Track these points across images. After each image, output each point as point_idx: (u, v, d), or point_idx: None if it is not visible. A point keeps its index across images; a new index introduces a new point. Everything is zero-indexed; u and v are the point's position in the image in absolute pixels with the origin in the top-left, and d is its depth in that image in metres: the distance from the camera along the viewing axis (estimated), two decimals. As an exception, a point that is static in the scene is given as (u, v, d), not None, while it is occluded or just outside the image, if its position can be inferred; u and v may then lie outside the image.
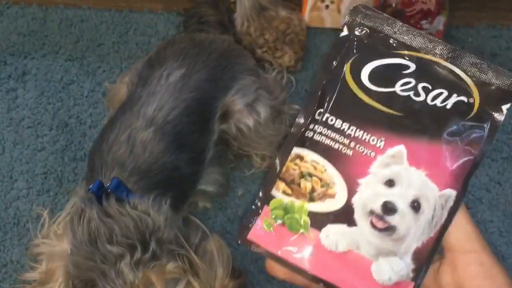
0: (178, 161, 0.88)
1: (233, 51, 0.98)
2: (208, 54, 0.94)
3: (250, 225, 0.45)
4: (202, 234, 0.87)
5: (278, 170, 0.46)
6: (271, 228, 0.44)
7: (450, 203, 0.43)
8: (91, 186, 0.80)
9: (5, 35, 1.22)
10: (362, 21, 0.46)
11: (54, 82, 1.18)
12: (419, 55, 0.45)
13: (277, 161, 0.46)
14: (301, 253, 0.43)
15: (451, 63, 0.44)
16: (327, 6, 1.20)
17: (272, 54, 1.15)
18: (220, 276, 0.75)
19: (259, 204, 0.45)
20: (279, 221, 0.44)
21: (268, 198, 0.45)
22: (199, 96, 0.90)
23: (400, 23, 0.45)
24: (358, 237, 0.43)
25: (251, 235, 0.45)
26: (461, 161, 0.43)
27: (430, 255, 0.43)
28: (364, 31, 0.46)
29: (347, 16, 0.46)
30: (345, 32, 0.46)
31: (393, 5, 1.14)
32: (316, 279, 0.43)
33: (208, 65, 0.93)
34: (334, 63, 0.46)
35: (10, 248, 1.04)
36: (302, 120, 0.46)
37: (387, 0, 1.14)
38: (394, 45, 0.45)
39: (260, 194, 0.46)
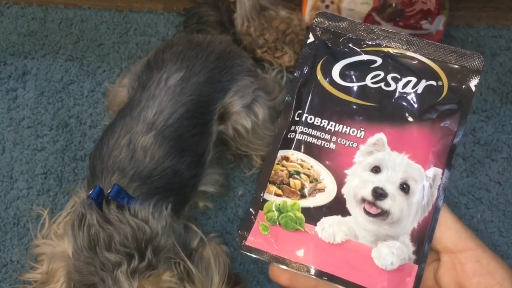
0: (179, 166, 0.88)
1: (231, 52, 0.98)
2: (206, 56, 0.94)
3: (247, 232, 0.46)
4: (200, 239, 0.87)
5: (267, 175, 0.47)
6: (268, 231, 0.45)
7: (438, 181, 0.45)
8: (91, 193, 0.80)
9: (5, 35, 1.22)
10: (325, 27, 0.49)
11: (54, 82, 1.18)
12: (383, 49, 0.48)
13: (265, 166, 0.48)
14: (301, 250, 0.44)
15: (413, 51, 0.47)
16: (327, 6, 1.20)
17: (272, 54, 1.15)
18: (216, 283, 0.76)
19: (253, 210, 0.47)
20: (275, 222, 0.45)
21: (261, 203, 0.47)
22: (198, 99, 0.91)
23: (360, 23, 0.48)
24: (354, 226, 0.44)
25: (250, 241, 0.46)
26: (441, 140, 0.45)
27: (428, 234, 0.44)
28: (328, 36, 0.49)
29: (312, 23, 0.50)
30: (311, 38, 0.49)
31: (393, 5, 1.14)
32: (319, 274, 0.43)
33: (206, 67, 0.93)
34: (305, 67, 0.48)
35: (10, 248, 1.04)
36: (283, 123, 0.48)
37: (387, 0, 1.14)
38: (358, 44, 0.48)
39: (253, 200, 0.47)
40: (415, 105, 0.46)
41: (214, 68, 0.93)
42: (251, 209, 0.47)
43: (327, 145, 0.45)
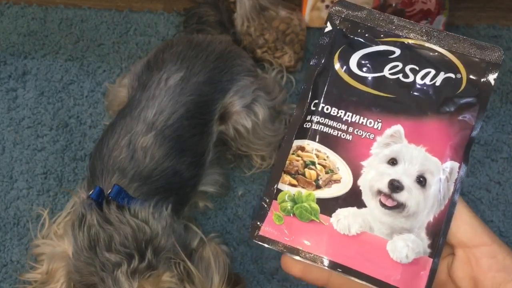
0: (179, 166, 0.88)
1: (230, 52, 0.98)
2: (206, 56, 0.94)
3: (260, 221, 0.46)
4: (200, 239, 0.87)
5: (282, 165, 0.47)
6: (282, 221, 0.45)
7: (455, 175, 0.45)
8: (91, 193, 0.80)
9: (5, 35, 1.22)
10: (344, 16, 0.48)
11: (54, 82, 1.18)
12: (402, 40, 0.47)
13: (280, 156, 0.47)
14: (315, 241, 0.44)
15: (433, 43, 0.47)
16: (327, 6, 1.20)
17: (272, 54, 1.15)
18: (216, 283, 0.76)
19: (267, 200, 0.46)
20: (289, 213, 0.45)
21: (275, 193, 0.46)
22: (198, 99, 0.90)
23: (379, 13, 0.48)
24: (370, 218, 0.44)
25: (263, 231, 0.45)
26: (459, 133, 0.45)
27: (444, 228, 0.44)
28: (346, 25, 0.48)
29: (329, 12, 0.49)
30: (328, 27, 0.48)
31: (393, 5, 1.14)
32: (333, 265, 0.43)
33: (206, 68, 0.93)
34: (322, 56, 0.48)
35: (10, 248, 1.04)
36: (299, 113, 0.47)
37: (387, 0, 1.14)
38: (376, 34, 0.47)
39: (267, 190, 0.47)
40: (433, 98, 0.45)
41: (214, 68, 0.93)
42: (264, 198, 0.46)
43: (343, 135, 0.45)
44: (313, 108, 0.47)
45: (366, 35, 0.47)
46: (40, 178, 1.09)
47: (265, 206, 0.46)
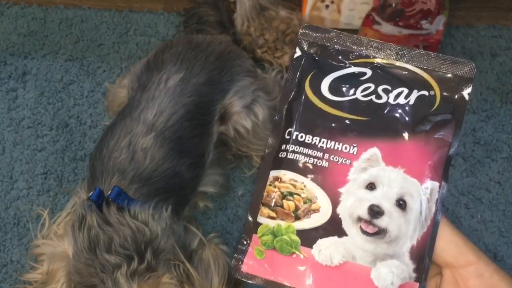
0: (179, 167, 0.88)
1: (230, 52, 0.98)
2: (206, 57, 0.94)
3: (242, 256, 0.45)
4: (199, 240, 0.87)
5: (260, 197, 0.46)
6: (263, 256, 0.44)
7: (435, 195, 0.44)
8: (91, 194, 0.80)
9: (5, 35, 1.22)
10: (312, 40, 0.47)
11: (54, 82, 1.18)
12: (372, 60, 0.46)
13: (257, 188, 0.46)
14: (298, 274, 0.43)
15: (404, 61, 0.46)
16: (327, 6, 1.20)
17: (272, 54, 1.15)
18: (215, 285, 0.76)
19: (247, 234, 0.45)
20: (270, 246, 0.44)
21: (255, 226, 0.45)
22: (198, 100, 0.90)
23: (347, 34, 0.47)
24: (352, 247, 0.42)
25: (245, 267, 0.45)
26: (436, 152, 0.44)
27: (428, 251, 0.43)
28: (316, 49, 0.47)
29: (298, 37, 0.48)
30: (298, 53, 0.48)
31: (393, 5, 1.14)
32: None
33: (206, 68, 0.92)
34: (294, 82, 0.47)
35: (10, 248, 1.04)
36: (273, 142, 0.46)
37: (387, 0, 1.14)
38: (346, 56, 0.47)
39: (247, 223, 0.46)
40: (408, 117, 0.44)
41: (214, 68, 0.93)
42: (244, 233, 0.45)
43: (319, 163, 0.44)
44: (287, 137, 0.45)
45: (336, 57, 0.47)
46: (40, 178, 1.09)
47: (246, 240, 0.45)
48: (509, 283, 0.43)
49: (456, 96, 0.45)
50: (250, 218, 0.46)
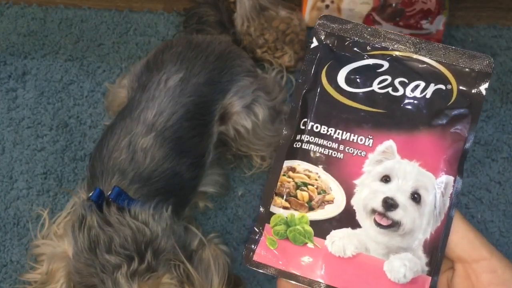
0: (179, 167, 0.88)
1: (230, 52, 0.98)
2: (206, 57, 0.94)
3: (254, 246, 0.45)
4: (199, 240, 0.87)
5: (273, 186, 0.46)
6: (276, 245, 0.44)
7: (450, 189, 0.44)
8: (91, 194, 0.80)
9: (5, 35, 1.22)
10: (329, 31, 0.47)
11: (54, 82, 1.18)
12: (389, 52, 0.46)
13: (270, 178, 0.46)
14: (311, 265, 0.43)
15: (421, 55, 0.46)
16: (327, 6, 1.20)
17: (272, 54, 1.15)
18: (215, 285, 0.76)
19: (260, 223, 0.45)
20: (283, 236, 0.44)
21: (268, 216, 0.45)
22: (198, 100, 0.90)
23: (365, 26, 0.47)
24: (365, 238, 0.43)
25: (257, 256, 0.44)
26: (452, 146, 0.44)
27: (441, 245, 0.43)
28: (333, 39, 0.47)
29: (315, 28, 0.48)
30: (315, 43, 0.48)
31: (393, 5, 1.14)
32: None
33: (206, 68, 0.92)
34: (310, 73, 0.47)
35: (10, 248, 1.04)
36: (288, 133, 0.46)
37: (387, 0, 1.14)
38: (363, 48, 0.46)
39: (260, 213, 0.46)
40: (424, 111, 0.44)
41: (214, 69, 0.93)
42: (257, 222, 0.45)
43: (334, 154, 0.44)
44: (302, 127, 0.45)
45: (353, 49, 0.46)
46: (40, 178, 1.09)
47: (259, 230, 0.45)
48: None
49: (473, 91, 0.45)
50: (262, 209, 0.46)
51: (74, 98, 1.16)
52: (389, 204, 0.42)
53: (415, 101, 0.44)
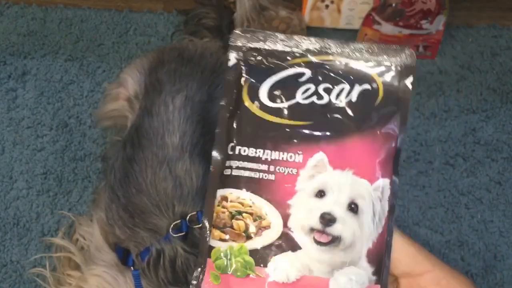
0: None
1: (222, 65, 0.98)
2: (201, 72, 0.93)
3: (198, 282, 0.43)
4: None
5: (210, 219, 0.44)
6: (219, 281, 0.42)
7: (387, 192, 0.42)
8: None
9: (5, 35, 1.22)
10: (244, 45, 0.45)
11: (54, 82, 1.18)
12: (309, 59, 0.44)
13: (206, 210, 0.44)
14: None
15: (342, 56, 0.44)
16: (327, 6, 1.20)
17: (272, 54, 1.15)
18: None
19: (202, 259, 0.43)
20: (225, 270, 0.42)
21: (208, 250, 0.43)
22: (207, 116, 0.91)
23: (280, 35, 0.44)
24: (307, 260, 0.41)
25: None
26: (384, 147, 0.42)
27: (386, 251, 0.42)
28: (248, 54, 0.44)
29: (230, 45, 0.45)
30: (232, 60, 0.45)
31: (393, 5, 1.14)
32: None
33: (204, 85, 0.92)
34: (231, 94, 0.44)
35: (10, 248, 1.04)
36: (217, 160, 0.44)
37: (387, 0, 1.14)
38: (283, 58, 0.44)
39: (200, 248, 0.44)
40: (352, 115, 0.42)
41: (211, 84, 0.93)
42: (199, 257, 0.43)
43: (265, 176, 0.42)
44: (230, 152, 0.43)
45: (272, 60, 0.44)
46: (40, 178, 1.09)
47: (201, 265, 0.43)
48: (467, 287, 0.43)
49: (399, 86, 0.43)
50: (203, 242, 0.44)
51: (74, 98, 1.16)
52: (327, 219, 0.41)
53: (342, 106, 0.43)
